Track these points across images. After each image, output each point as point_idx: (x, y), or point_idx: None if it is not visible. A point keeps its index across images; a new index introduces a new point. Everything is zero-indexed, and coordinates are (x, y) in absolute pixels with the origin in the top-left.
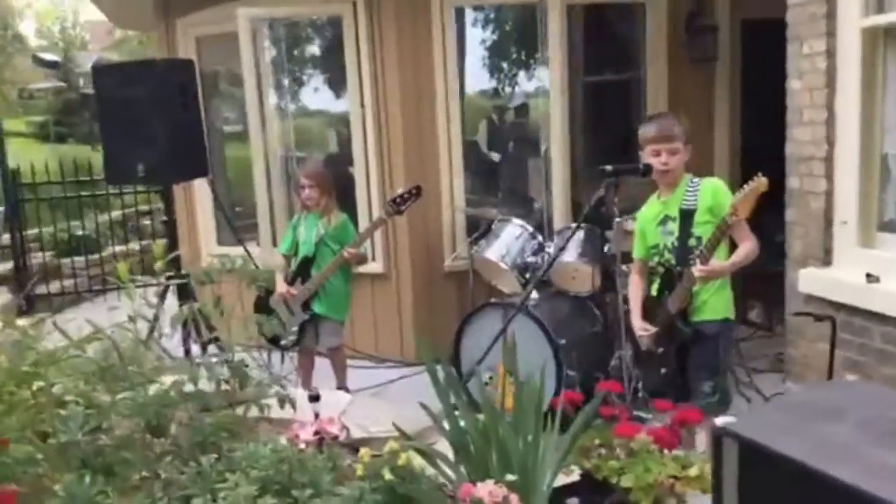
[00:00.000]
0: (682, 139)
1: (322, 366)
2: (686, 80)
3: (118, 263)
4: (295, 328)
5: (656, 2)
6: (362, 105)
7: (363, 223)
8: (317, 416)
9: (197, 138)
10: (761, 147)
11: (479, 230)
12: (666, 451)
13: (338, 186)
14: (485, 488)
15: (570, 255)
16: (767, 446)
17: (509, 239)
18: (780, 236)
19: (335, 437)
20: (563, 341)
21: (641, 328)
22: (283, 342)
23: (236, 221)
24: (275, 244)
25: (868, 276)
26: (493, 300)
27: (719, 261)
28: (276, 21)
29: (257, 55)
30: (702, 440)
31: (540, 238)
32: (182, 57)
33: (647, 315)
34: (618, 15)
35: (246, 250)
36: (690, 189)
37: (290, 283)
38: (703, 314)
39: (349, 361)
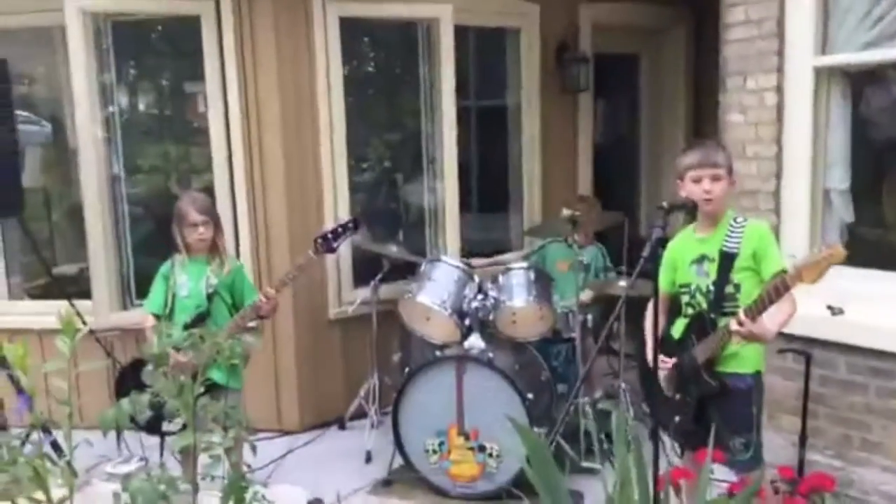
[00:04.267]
0: (725, 166)
1: None
2: (555, 110)
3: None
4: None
5: (530, 29)
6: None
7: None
8: None
9: (10, 164)
10: (607, 175)
11: (384, 269)
12: None
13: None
14: None
15: (520, 299)
16: None
17: (446, 281)
18: None
19: None
20: (530, 395)
21: (661, 362)
22: (166, 425)
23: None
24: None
25: (830, 308)
26: (440, 353)
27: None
28: (111, 16)
29: (88, 57)
30: None
31: (477, 279)
32: None
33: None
34: (492, 40)
35: (72, 304)
36: (734, 229)
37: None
38: (733, 366)
39: None
